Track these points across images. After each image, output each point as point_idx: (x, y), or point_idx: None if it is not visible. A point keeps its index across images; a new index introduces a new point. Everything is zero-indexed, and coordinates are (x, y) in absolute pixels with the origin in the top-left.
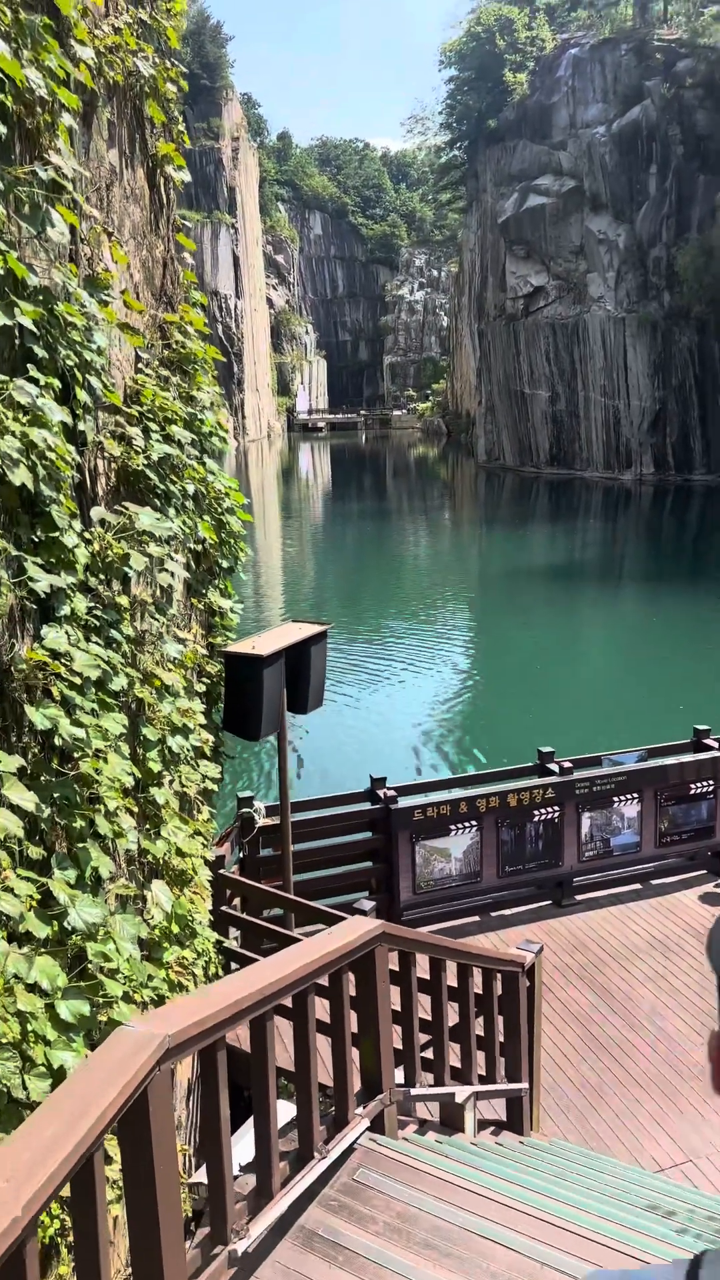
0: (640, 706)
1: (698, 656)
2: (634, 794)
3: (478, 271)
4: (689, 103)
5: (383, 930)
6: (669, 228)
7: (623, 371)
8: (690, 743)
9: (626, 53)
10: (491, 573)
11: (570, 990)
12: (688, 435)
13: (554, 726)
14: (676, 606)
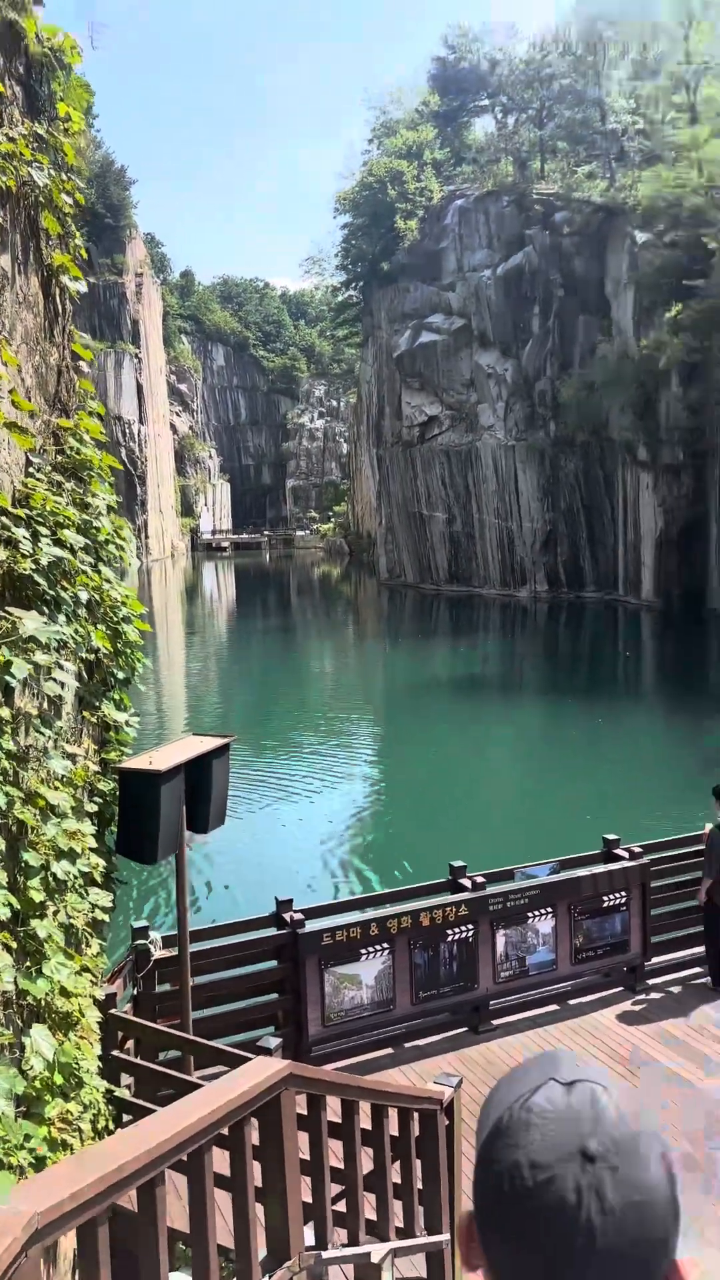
0: (549, 817)
1: (600, 766)
2: (548, 908)
3: (375, 401)
4: (567, 250)
5: (289, 1072)
6: (553, 363)
7: (515, 495)
8: (601, 853)
9: (508, 204)
10: (396, 687)
11: None
12: (578, 554)
13: (465, 840)
14: (575, 717)
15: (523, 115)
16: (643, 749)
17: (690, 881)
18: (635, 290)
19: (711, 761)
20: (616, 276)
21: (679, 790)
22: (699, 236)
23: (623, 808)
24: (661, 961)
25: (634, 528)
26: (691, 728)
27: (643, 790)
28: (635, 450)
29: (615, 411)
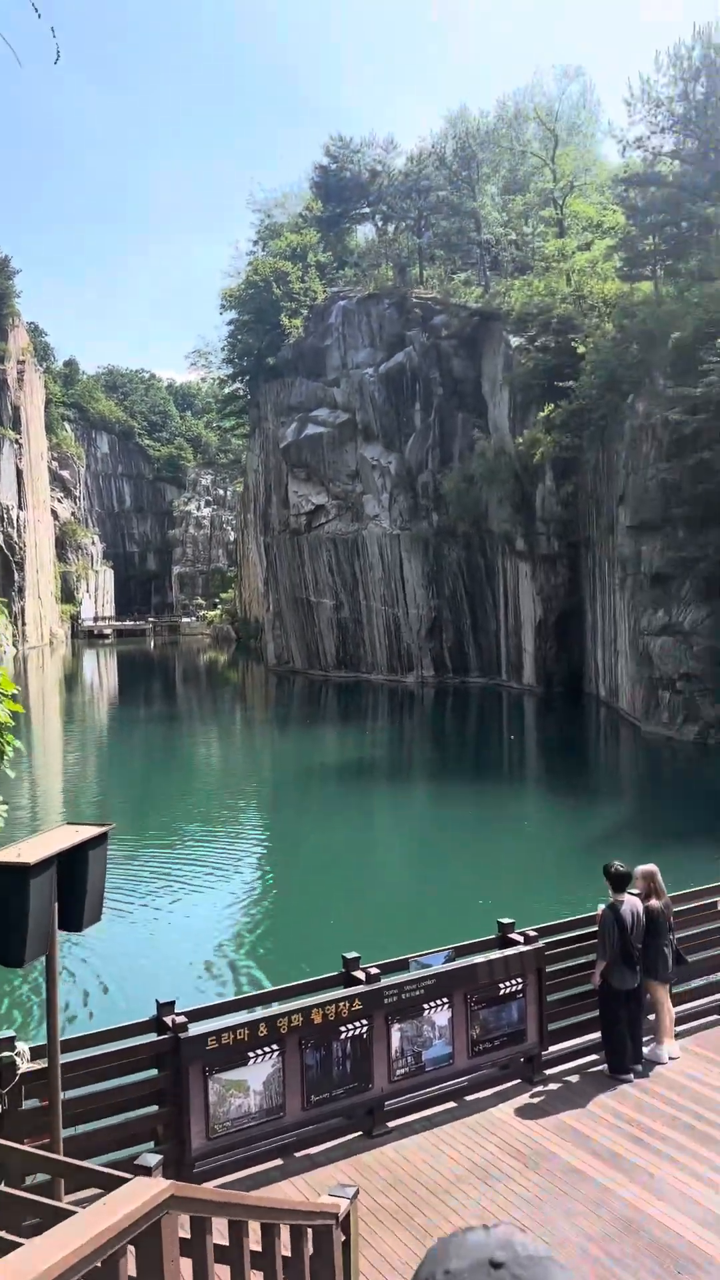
0: (443, 903)
1: (491, 849)
2: (444, 999)
3: (262, 490)
4: (446, 351)
5: (170, 1193)
6: (434, 457)
7: (400, 582)
8: (496, 938)
9: (389, 306)
10: (285, 773)
11: (389, 1239)
12: (462, 641)
13: (358, 931)
14: (463, 801)
15: (402, 223)
16: (532, 831)
17: (586, 965)
18: (510, 390)
19: (599, 841)
20: (493, 377)
21: (571, 871)
22: (569, 341)
23: (516, 891)
24: (559, 1050)
25: (515, 615)
26: (577, 809)
27: (536, 872)
28: (514, 541)
29: (494, 504)
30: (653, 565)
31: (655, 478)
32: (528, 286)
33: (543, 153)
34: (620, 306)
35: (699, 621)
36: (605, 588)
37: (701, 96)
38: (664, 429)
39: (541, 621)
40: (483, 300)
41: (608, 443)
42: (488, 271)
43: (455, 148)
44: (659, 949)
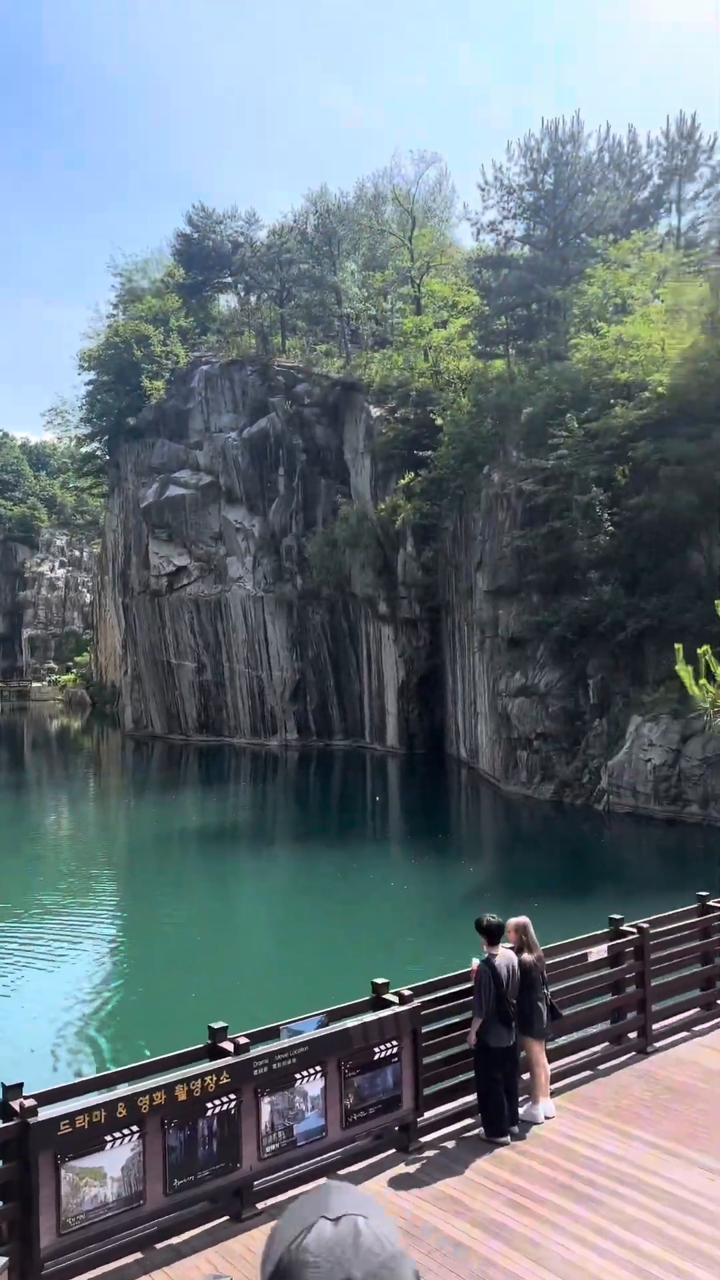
0: (314, 967)
1: (360, 911)
2: (317, 1067)
3: (121, 551)
4: (308, 418)
5: None
6: (298, 521)
7: (264, 645)
8: (370, 1000)
9: (252, 373)
10: (141, 843)
11: None
12: (326, 703)
13: (225, 1000)
14: (330, 864)
15: (264, 294)
16: (400, 891)
17: (461, 1024)
18: (371, 458)
19: (466, 898)
20: (354, 444)
21: (441, 928)
22: (428, 413)
23: (389, 951)
24: (434, 1115)
25: (378, 677)
26: (442, 867)
27: (406, 931)
28: (376, 605)
29: (357, 568)
30: (509, 629)
31: (510, 545)
32: (387, 360)
33: (400, 233)
34: (475, 382)
35: (553, 683)
36: (465, 650)
37: (550, 187)
38: (518, 499)
39: (404, 684)
40: (344, 371)
41: (465, 511)
42: (349, 344)
43: (316, 223)
44: (533, 1004)
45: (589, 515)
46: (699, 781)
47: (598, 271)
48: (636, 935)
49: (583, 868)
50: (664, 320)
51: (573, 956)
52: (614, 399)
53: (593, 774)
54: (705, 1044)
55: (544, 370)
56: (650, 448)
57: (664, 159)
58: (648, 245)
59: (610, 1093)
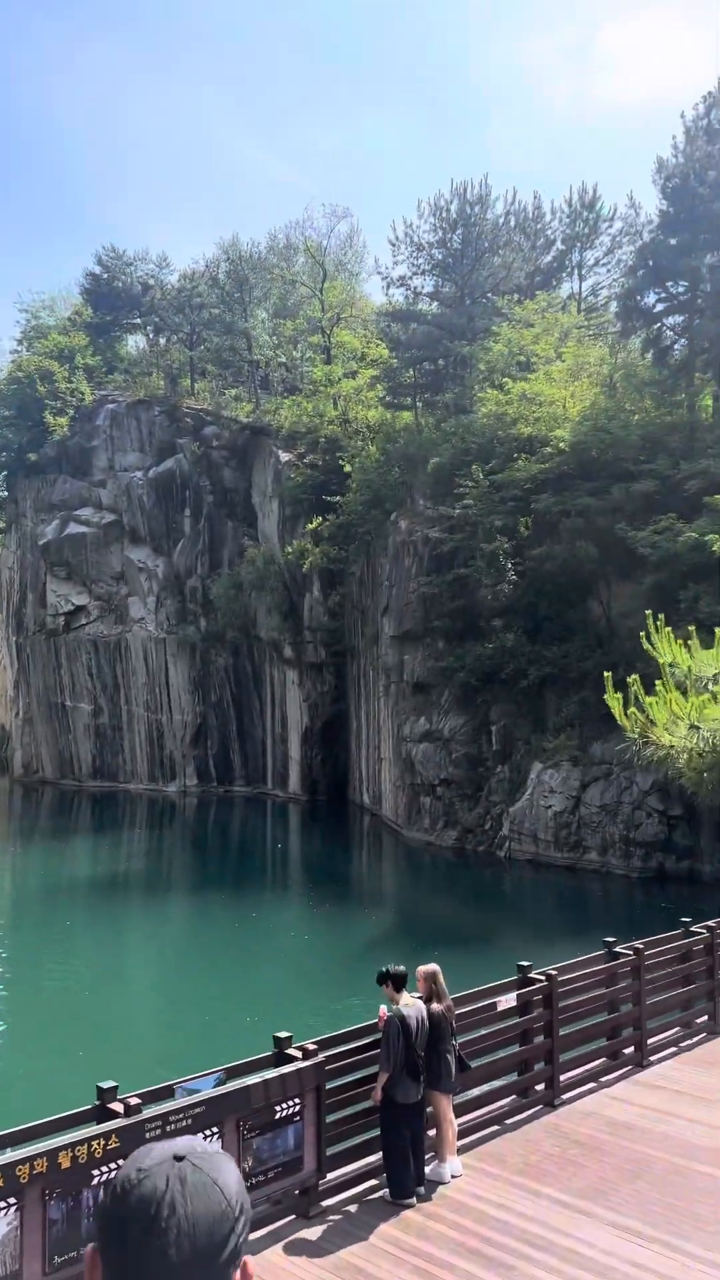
0: (210, 1022)
1: (260, 962)
2: (214, 1128)
3: (17, 588)
4: (216, 460)
5: None
6: (203, 562)
7: (165, 687)
8: (272, 1055)
9: (160, 413)
10: (27, 894)
11: None
12: (227, 748)
13: (116, 1059)
14: (228, 914)
15: (174, 336)
16: (302, 941)
17: (367, 1079)
18: (280, 502)
19: (370, 948)
20: (263, 488)
21: (346, 979)
22: (336, 459)
23: (291, 1003)
24: (338, 1176)
25: (281, 722)
26: (345, 916)
27: (309, 983)
28: (281, 648)
29: (263, 611)
30: (414, 674)
31: (417, 591)
32: (297, 406)
33: (311, 283)
34: (384, 432)
35: (457, 729)
36: (370, 696)
37: (458, 247)
38: (424, 546)
39: (308, 729)
40: (253, 415)
41: (373, 556)
42: (258, 389)
43: (228, 269)
44: (441, 1056)
45: (493, 564)
46: (597, 828)
47: (503, 330)
48: (545, 983)
49: (485, 915)
50: (566, 379)
51: (481, 1006)
52: (517, 453)
53: (495, 820)
54: (612, 1096)
55: (450, 423)
56: (552, 500)
57: (567, 226)
58: (551, 306)
59: (518, 1148)
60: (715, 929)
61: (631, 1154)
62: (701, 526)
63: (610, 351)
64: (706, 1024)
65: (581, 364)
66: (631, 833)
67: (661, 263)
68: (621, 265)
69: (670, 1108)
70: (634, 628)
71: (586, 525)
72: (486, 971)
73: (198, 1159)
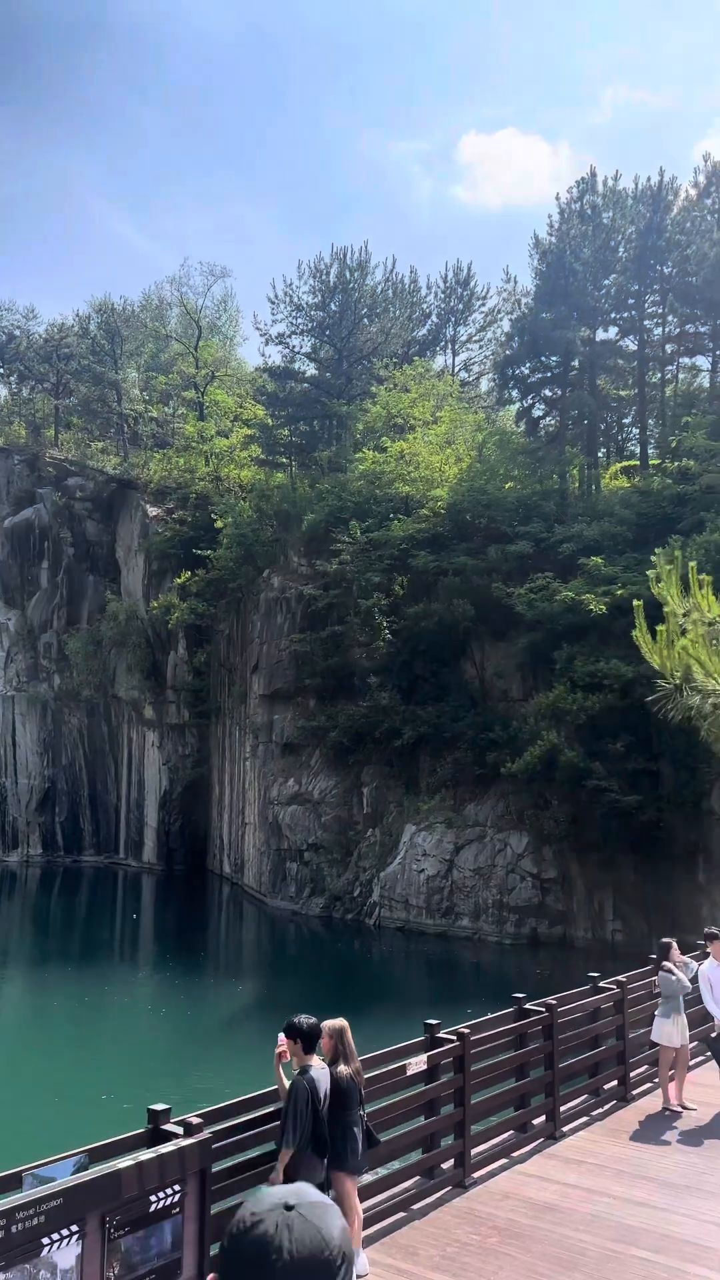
0: (65, 1101)
1: (115, 1037)
2: (73, 1226)
3: None
4: (79, 512)
5: None
6: (60, 616)
7: (11, 748)
8: (146, 1132)
9: (20, 462)
10: None
11: None
12: (78, 815)
13: None
14: (78, 991)
15: (39, 385)
16: (159, 1015)
17: (262, 1158)
18: (146, 556)
19: (234, 1020)
20: (128, 542)
21: (209, 1053)
22: (208, 515)
23: (150, 1080)
24: None
25: (139, 786)
26: (207, 988)
27: (171, 1059)
28: (142, 709)
29: (123, 670)
30: (284, 734)
31: (289, 649)
32: (167, 461)
33: (186, 339)
34: (257, 490)
35: (328, 790)
36: (235, 757)
37: (337, 310)
38: (298, 603)
39: (166, 793)
40: (121, 469)
41: (243, 613)
42: (127, 443)
43: (100, 322)
44: (347, 1129)
45: (368, 621)
46: (471, 893)
47: (380, 393)
48: (456, 1044)
49: (355, 985)
50: (442, 443)
51: (388, 1070)
52: (394, 513)
53: (364, 887)
54: (526, 1173)
55: (327, 480)
56: (430, 558)
57: (441, 301)
58: (427, 374)
59: (430, 1238)
60: (625, 984)
61: (560, 1240)
62: (577, 586)
63: (486, 419)
64: (616, 1089)
65: (457, 428)
66: (505, 897)
67: (537, 334)
68: (493, 343)
69: (593, 1184)
70: (505, 688)
71: (463, 584)
72: (359, 1042)
73: (305, 1209)
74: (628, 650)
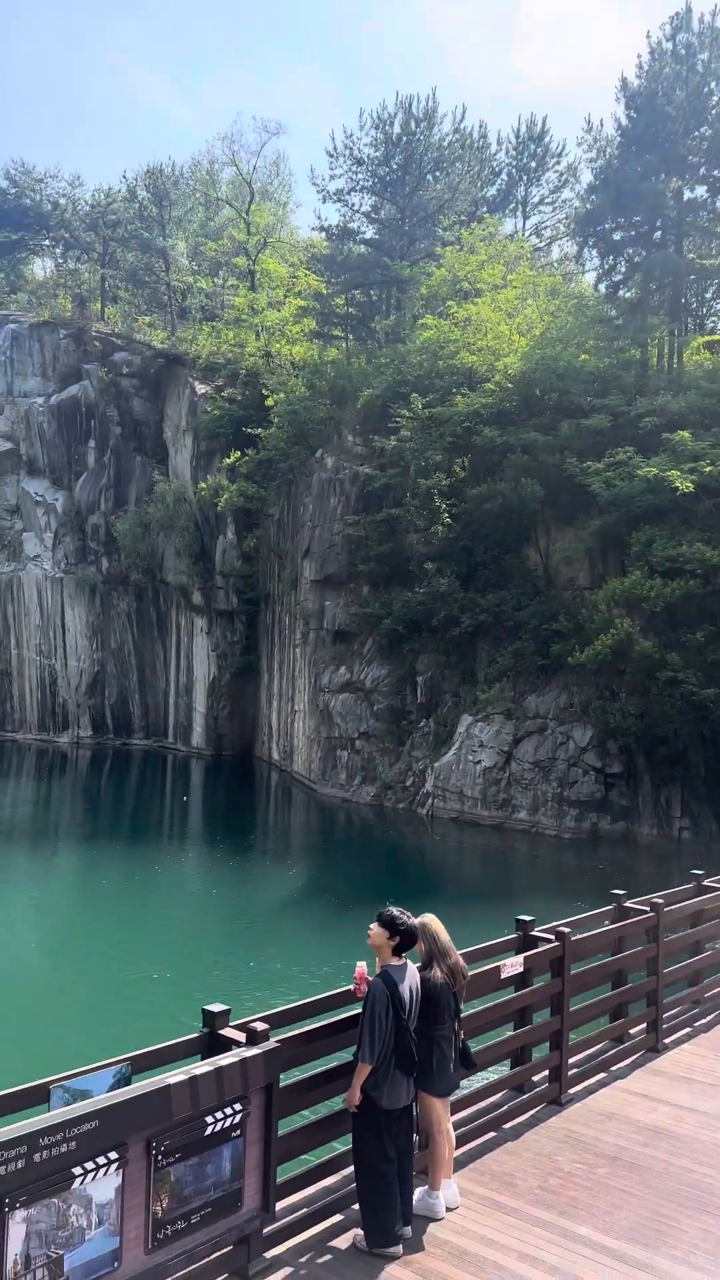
0: (110, 997)
1: (166, 918)
2: (111, 1154)
3: None
4: (126, 390)
5: None
6: (107, 498)
7: (60, 631)
8: (200, 1036)
9: (65, 337)
10: None
11: None
12: (127, 698)
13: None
14: (127, 866)
15: (85, 256)
16: (211, 895)
17: (338, 1073)
18: (194, 436)
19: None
20: (176, 422)
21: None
22: (259, 393)
23: (208, 967)
24: (289, 1214)
25: (187, 672)
26: (261, 871)
27: (229, 943)
28: (190, 594)
29: (171, 554)
30: (336, 621)
31: (342, 533)
32: (216, 335)
33: (238, 203)
34: (311, 366)
35: (380, 679)
36: (285, 645)
37: (400, 163)
38: (352, 484)
39: (215, 680)
40: (169, 343)
41: (295, 496)
42: (175, 316)
43: (148, 183)
44: (436, 1043)
45: (427, 504)
46: (529, 786)
47: (446, 254)
48: (555, 944)
49: (408, 874)
50: (513, 307)
51: (476, 972)
52: (457, 387)
53: (417, 776)
54: (628, 1090)
55: (385, 352)
56: (495, 434)
57: (512, 158)
58: (497, 235)
59: (529, 1165)
60: None
61: (682, 1175)
62: (660, 463)
63: (562, 281)
64: (718, 998)
65: (529, 293)
66: (565, 790)
67: (623, 186)
68: (568, 205)
69: (709, 1107)
70: (572, 576)
71: (532, 463)
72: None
73: None
74: (713, 533)
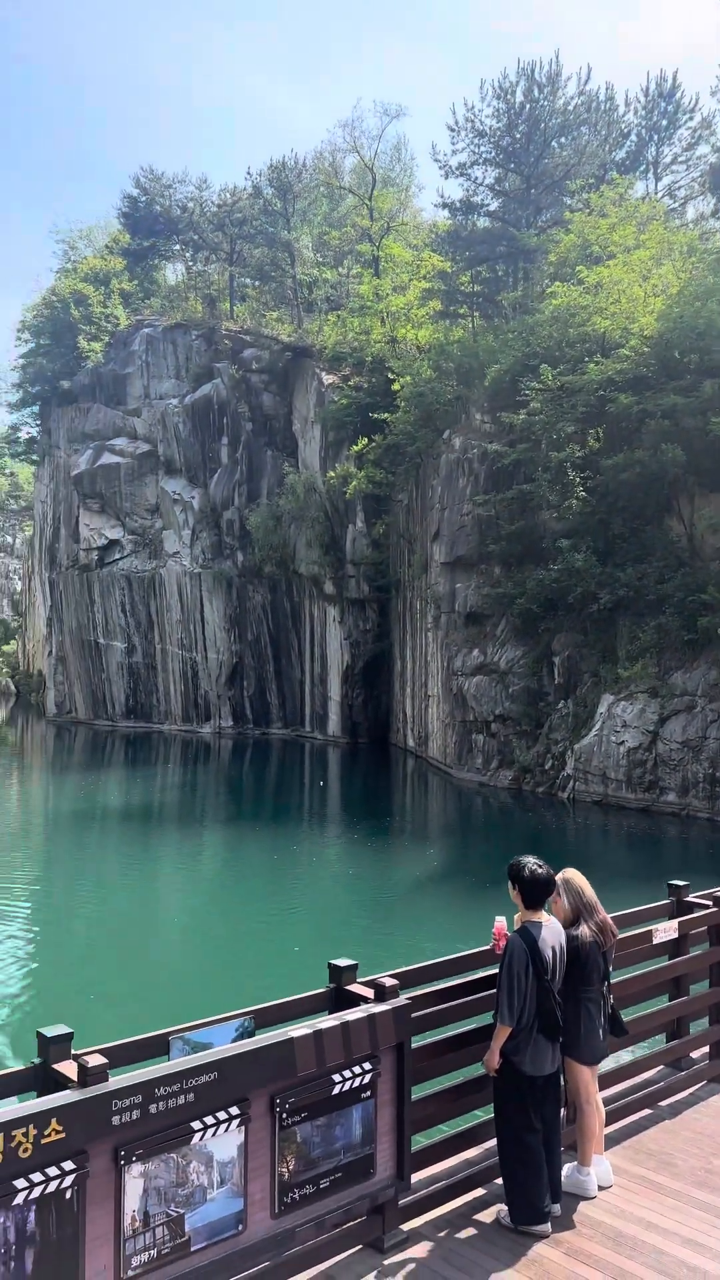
0: (246, 958)
1: (303, 892)
2: (233, 1109)
3: (50, 523)
4: (255, 385)
5: None
6: (241, 493)
7: (200, 624)
8: (327, 992)
9: (197, 338)
10: (57, 826)
11: None
12: (264, 689)
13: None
14: (267, 844)
15: (213, 255)
16: (348, 874)
17: (477, 1034)
18: (322, 427)
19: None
20: (304, 413)
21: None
22: (385, 379)
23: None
24: (427, 1185)
25: (321, 661)
26: (398, 852)
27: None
28: (322, 584)
29: (302, 545)
30: (467, 603)
31: (471, 513)
32: (341, 324)
33: (361, 189)
34: (436, 347)
35: (515, 661)
36: (417, 630)
37: (524, 132)
38: (481, 463)
39: (348, 668)
40: (295, 336)
41: (423, 480)
42: (301, 310)
43: (272, 178)
44: (583, 1006)
45: (560, 478)
46: (678, 766)
47: (575, 218)
48: (714, 910)
49: (553, 857)
50: (648, 267)
51: (627, 936)
52: (589, 356)
53: (557, 759)
54: None
55: (512, 326)
56: (631, 400)
57: (642, 119)
58: (627, 196)
59: (689, 1145)
60: None
61: None
62: None
63: (700, 238)
64: None
65: (665, 253)
66: (718, 771)
67: None
68: (703, 162)
69: None
70: (719, 545)
71: (672, 427)
72: None
73: None
74: None
